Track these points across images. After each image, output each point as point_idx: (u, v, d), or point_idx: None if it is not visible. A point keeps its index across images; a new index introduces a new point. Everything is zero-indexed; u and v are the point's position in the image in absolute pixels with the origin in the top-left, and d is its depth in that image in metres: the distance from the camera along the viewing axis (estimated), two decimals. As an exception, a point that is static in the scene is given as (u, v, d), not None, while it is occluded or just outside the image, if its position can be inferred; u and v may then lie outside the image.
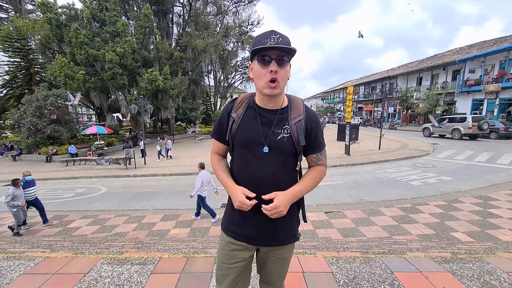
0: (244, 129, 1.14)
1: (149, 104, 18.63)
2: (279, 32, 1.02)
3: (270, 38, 1.01)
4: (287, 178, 1.16)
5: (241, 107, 1.18)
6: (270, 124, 1.12)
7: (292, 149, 1.12)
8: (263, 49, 1.00)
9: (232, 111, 1.19)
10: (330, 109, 51.15)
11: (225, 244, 1.23)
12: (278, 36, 1.01)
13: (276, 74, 1.03)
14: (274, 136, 1.11)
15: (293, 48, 1.01)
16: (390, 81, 33.57)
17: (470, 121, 15.90)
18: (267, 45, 1.00)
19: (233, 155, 1.23)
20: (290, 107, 1.16)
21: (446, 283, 1.99)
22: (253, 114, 1.15)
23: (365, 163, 11.01)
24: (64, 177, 11.53)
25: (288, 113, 1.14)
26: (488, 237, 4.31)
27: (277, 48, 0.99)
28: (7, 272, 2.21)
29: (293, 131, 1.11)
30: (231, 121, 1.17)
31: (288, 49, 1.00)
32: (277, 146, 1.10)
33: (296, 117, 1.13)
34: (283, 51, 1.01)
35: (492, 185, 7.26)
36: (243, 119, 1.15)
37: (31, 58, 20.38)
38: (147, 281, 2.08)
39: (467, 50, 25.27)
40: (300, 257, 2.47)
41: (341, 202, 6.66)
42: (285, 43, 1.00)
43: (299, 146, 1.12)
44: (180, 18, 26.97)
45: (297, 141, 1.11)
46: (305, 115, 1.15)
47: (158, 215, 6.46)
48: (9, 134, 24.50)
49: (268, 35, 1.02)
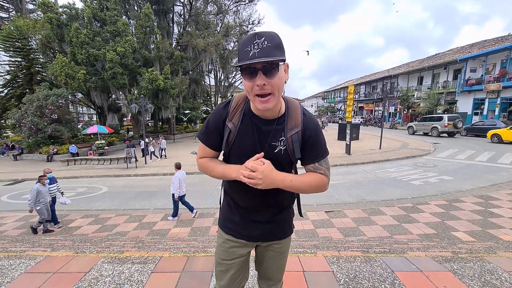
0: (241, 141, 1.06)
1: (150, 104, 18.65)
2: (264, 32, 0.86)
3: (253, 44, 0.85)
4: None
5: (236, 114, 1.07)
6: (267, 136, 1.05)
7: (288, 161, 1.08)
8: (245, 62, 0.85)
9: (227, 120, 1.07)
10: (330, 109, 51.08)
11: (224, 241, 1.22)
12: (263, 39, 0.84)
13: (265, 87, 0.89)
14: (271, 149, 1.05)
15: (279, 58, 0.86)
16: (391, 81, 33.49)
17: (446, 120, 17.52)
18: (249, 54, 0.84)
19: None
20: (287, 115, 1.06)
21: (447, 282, 1.99)
22: (250, 125, 1.05)
23: (366, 163, 11.00)
24: (65, 177, 11.55)
25: (285, 123, 1.05)
26: (489, 236, 4.30)
27: (259, 62, 0.84)
28: (8, 271, 2.22)
29: (289, 143, 1.05)
30: (227, 132, 1.07)
31: (271, 60, 0.84)
32: (274, 158, 1.03)
33: (293, 129, 1.05)
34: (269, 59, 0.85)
35: (493, 185, 7.24)
36: (240, 129, 1.06)
37: (32, 58, 20.43)
38: (148, 280, 2.08)
39: (468, 49, 25.18)
40: (301, 256, 2.46)
41: (342, 202, 6.65)
42: (272, 46, 0.85)
43: (294, 158, 1.08)
44: (180, 18, 27.00)
45: (292, 153, 1.06)
46: (302, 126, 1.06)
47: (159, 214, 6.47)
48: (10, 133, 24.57)
49: (251, 40, 0.85)
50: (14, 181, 11.23)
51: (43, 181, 5.68)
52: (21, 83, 20.50)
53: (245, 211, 1.17)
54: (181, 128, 29.57)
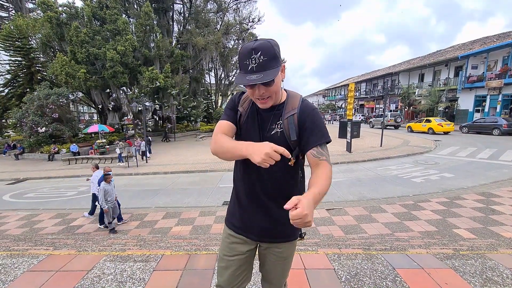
0: (247, 126, 1.18)
1: (150, 102, 18.65)
2: (261, 46, 0.95)
3: (251, 59, 0.95)
4: (283, 174, 1.15)
5: (246, 102, 1.20)
6: (267, 121, 1.14)
7: (285, 145, 1.05)
8: (244, 80, 0.97)
9: (239, 105, 1.21)
10: (331, 106, 50.97)
11: (226, 236, 1.26)
12: (260, 54, 0.94)
13: (264, 94, 1.02)
14: (269, 132, 1.12)
15: (274, 78, 0.96)
16: (392, 78, 33.38)
17: (389, 116, 23.83)
18: (248, 67, 0.96)
19: None
20: (286, 102, 1.14)
21: (448, 279, 1.99)
22: (254, 112, 1.17)
23: (367, 160, 10.99)
24: (67, 176, 11.60)
25: (283, 109, 1.13)
26: (491, 233, 4.30)
27: (256, 83, 0.96)
28: (11, 269, 2.24)
29: (285, 125, 1.10)
30: (238, 114, 1.20)
31: (268, 80, 0.95)
32: (270, 141, 1.02)
33: (289, 112, 1.11)
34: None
35: (494, 182, 7.22)
36: (247, 114, 1.18)
37: (32, 57, 20.39)
38: (150, 278, 2.09)
39: (469, 46, 25.04)
40: (302, 253, 2.47)
41: (343, 199, 6.65)
42: (269, 59, 0.95)
43: (291, 142, 1.09)
44: (180, 16, 26.90)
45: (288, 136, 1.09)
46: (299, 110, 1.11)
47: (160, 212, 6.48)
48: (11, 133, 24.63)
49: (249, 55, 0.95)
50: (16, 180, 11.28)
51: (109, 180, 5.46)
52: (22, 82, 20.50)
53: (248, 205, 1.19)
54: (182, 127, 29.54)
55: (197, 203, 7.18)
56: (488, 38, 24.37)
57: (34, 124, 16.05)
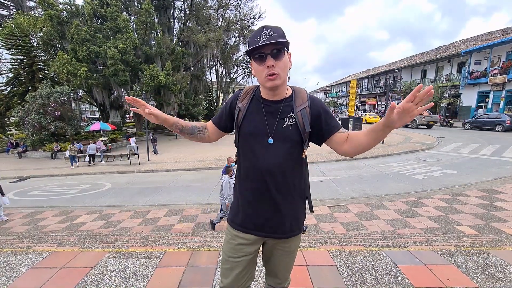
0: (250, 120, 1.17)
1: (152, 100, 18.65)
2: (271, 25, 1.05)
3: (262, 34, 1.03)
4: (293, 167, 1.15)
5: (246, 97, 1.22)
6: (275, 114, 1.14)
7: (298, 137, 1.13)
8: (256, 47, 1.03)
9: (238, 101, 1.23)
10: (333, 103, 50.74)
11: (231, 237, 1.22)
12: (270, 30, 1.03)
13: (273, 68, 1.05)
14: (280, 125, 1.13)
15: (285, 41, 1.04)
16: (394, 74, 33.14)
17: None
18: (259, 42, 1.02)
19: (239, 146, 1.24)
20: (294, 96, 1.17)
21: (450, 275, 1.99)
22: (258, 105, 1.18)
23: (369, 157, 10.96)
24: (69, 174, 11.66)
25: (293, 102, 1.16)
26: (493, 230, 4.29)
27: (268, 44, 1.01)
28: (16, 266, 2.26)
29: (299, 118, 1.12)
30: (237, 111, 1.21)
31: (279, 42, 1.02)
32: (282, 135, 1.12)
33: (301, 105, 1.15)
34: (277, 44, 1.03)
35: (497, 178, 7.20)
36: (249, 109, 1.19)
37: (34, 56, 20.41)
38: (153, 274, 2.10)
39: (473, 41, 24.77)
40: (304, 250, 2.48)
41: (345, 196, 6.65)
42: (278, 35, 1.02)
43: (305, 133, 1.13)
44: (181, 13, 26.78)
45: (302, 128, 1.12)
46: (309, 103, 1.16)
47: (162, 210, 6.52)
48: (14, 131, 24.75)
49: (260, 31, 1.04)
50: (19, 179, 11.36)
51: (231, 173, 4.98)
52: (24, 81, 20.54)
53: (256, 202, 1.17)
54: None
55: (199, 200, 7.21)
56: (492, 34, 24.09)
57: (36, 123, 16.11)
